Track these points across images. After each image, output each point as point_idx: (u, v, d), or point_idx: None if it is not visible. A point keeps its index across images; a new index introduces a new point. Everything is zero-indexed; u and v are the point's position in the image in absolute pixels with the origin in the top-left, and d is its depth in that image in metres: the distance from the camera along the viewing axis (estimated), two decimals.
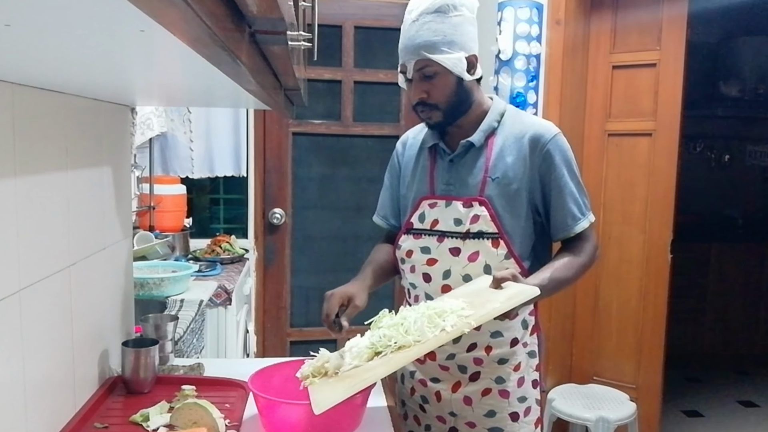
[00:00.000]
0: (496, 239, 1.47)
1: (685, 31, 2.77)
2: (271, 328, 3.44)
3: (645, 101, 2.88)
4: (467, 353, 1.52)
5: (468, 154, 1.53)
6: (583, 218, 1.51)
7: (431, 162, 1.58)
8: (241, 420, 1.31)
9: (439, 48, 1.42)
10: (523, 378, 1.55)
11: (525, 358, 1.55)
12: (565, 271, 1.47)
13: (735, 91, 4.57)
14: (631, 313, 2.98)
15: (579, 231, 1.51)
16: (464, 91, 1.48)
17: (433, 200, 1.55)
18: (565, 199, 1.49)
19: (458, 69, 1.43)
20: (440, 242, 1.52)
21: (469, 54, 1.46)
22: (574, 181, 1.51)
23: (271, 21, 0.68)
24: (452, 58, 1.42)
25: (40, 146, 1.11)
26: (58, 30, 0.56)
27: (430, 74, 1.44)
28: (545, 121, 1.57)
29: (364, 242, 3.54)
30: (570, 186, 1.50)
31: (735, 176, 4.95)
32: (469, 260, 1.48)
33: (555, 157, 1.48)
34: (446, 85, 1.45)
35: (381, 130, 3.46)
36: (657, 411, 2.96)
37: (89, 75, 0.97)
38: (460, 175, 1.53)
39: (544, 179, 1.49)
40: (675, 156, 2.82)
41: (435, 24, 1.42)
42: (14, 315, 1.01)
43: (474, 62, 1.47)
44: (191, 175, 3.15)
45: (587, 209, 1.53)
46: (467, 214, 1.49)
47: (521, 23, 2.74)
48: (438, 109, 1.49)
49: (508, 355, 1.53)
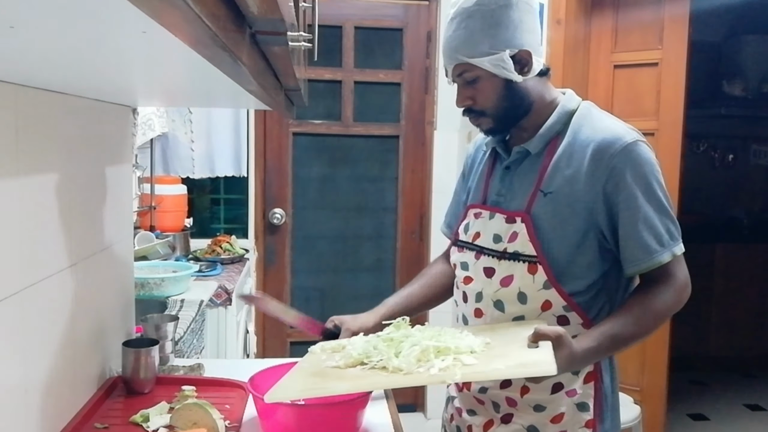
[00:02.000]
0: (534, 264, 1.24)
1: (687, 30, 2.76)
2: (271, 329, 3.44)
3: (647, 101, 2.87)
4: (501, 390, 1.31)
5: (525, 161, 1.32)
6: (661, 250, 1.22)
7: (489, 167, 1.40)
8: (241, 421, 1.31)
9: (477, 49, 1.23)
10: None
11: (571, 410, 1.27)
12: (630, 326, 1.21)
13: (739, 90, 4.54)
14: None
15: (655, 267, 1.22)
16: (516, 94, 1.27)
17: (479, 210, 1.36)
18: (636, 226, 1.21)
19: (503, 71, 1.24)
20: (477, 259, 1.34)
21: (518, 50, 1.24)
22: (653, 203, 1.22)
23: (271, 22, 0.68)
24: (494, 59, 1.23)
25: (42, 146, 1.11)
26: (61, 32, 0.56)
27: (471, 79, 1.27)
28: (621, 125, 1.28)
29: (364, 242, 3.55)
30: (644, 209, 1.21)
31: (739, 176, 4.91)
32: (502, 284, 1.28)
33: (625, 172, 1.21)
34: (492, 89, 1.26)
35: (381, 130, 3.47)
36: (662, 414, 2.94)
37: (91, 76, 0.97)
38: (513, 185, 1.32)
39: (611, 200, 1.22)
40: (678, 156, 2.81)
41: (474, 21, 1.23)
42: (16, 315, 1.01)
43: (526, 58, 1.25)
44: (192, 176, 3.15)
45: (673, 239, 1.23)
46: (507, 231, 1.28)
47: None
48: (486, 115, 1.30)
49: (546, 402, 1.28)
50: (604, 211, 1.23)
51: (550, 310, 1.25)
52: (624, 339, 1.21)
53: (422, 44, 3.42)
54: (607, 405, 1.30)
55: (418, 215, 3.52)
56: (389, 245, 3.54)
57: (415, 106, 3.46)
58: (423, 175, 3.49)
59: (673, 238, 1.24)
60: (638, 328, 1.22)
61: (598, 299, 1.28)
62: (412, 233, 3.53)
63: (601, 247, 1.26)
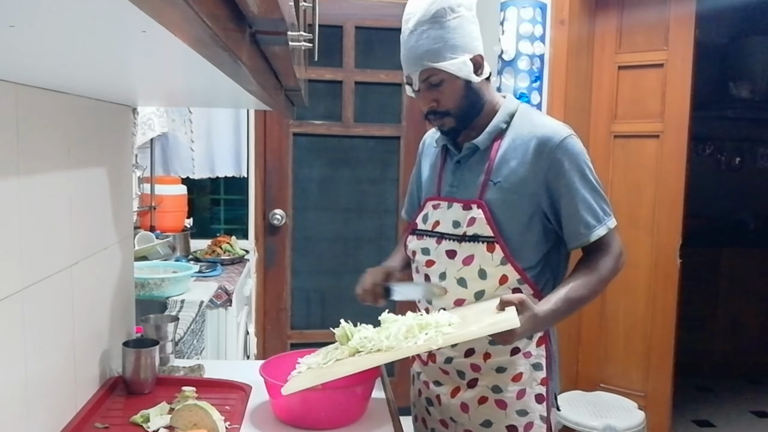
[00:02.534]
0: (492, 243, 1.41)
1: (693, 31, 2.75)
2: (271, 330, 3.44)
3: (652, 102, 2.86)
4: (465, 358, 1.48)
5: (474, 156, 1.49)
6: (598, 225, 1.42)
7: (441, 163, 1.56)
8: (241, 422, 1.31)
9: (441, 55, 1.39)
10: (524, 390, 1.46)
11: (528, 370, 1.46)
12: (581, 290, 1.40)
13: (746, 91, 4.48)
14: (639, 319, 2.94)
15: (595, 239, 1.42)
16: (474, 93, 1.45)
17: (437, 201, 1.52)
18: (576, 207, 1.41)
19: (464, 72, 1.40)
20: (438, 244, 1.49)
21: (474, 54, 1.42)
22: (588, 187, 1.42)
23: (271, 21, 0.68)
24: (456, 62, 1.39)
25: (42, 146, 1.11)
26: (61, 31, 0.56)
27: (437, 82, 1.42)
28: (556, 122, 1.48)
29: (364, 243, 3.54)
30: (582, 192, 1.41)
31: (746, 179, 4.83)
32: (464, 263, 1.44)
33: (563, 162, 1.40)
34: (454, 90, 1.42)
35: (382, 130, 3.47)
36: (667, 420, 2.91)
37: (91, 75, 0.97)
38: (464, 177, 1.49)
39: (552, 186, 1.41)
40: (683, 158, 2.79)
41: (434, 31, 1.39)
42: (16, 314, 1.01)
43: (480, 62, 1.44)
44: (192, 176, 3.16)
45: (606, 215, 1.44)
46: (465, 217, 1.45)
47: (524, 23, 2.74)
48: (449, 115, 1.46)
49: (506, 363, 1.46)
50: (546, 196, 1.42)
51: (506, 283, 1.43)
52: (577, 300, 1.40)
53: None
54: (554, 365, 1.51)
55: None
56: (390, 246, 3.53)
57: (416, 107, 3.44)
58: None
59: (606, 214, 1.44)
60: (588, 291, 1.41)
61: (545, 273, 1.47)
62: None
63: (545, 228, 1.45)
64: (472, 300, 1.44)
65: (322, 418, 1.31)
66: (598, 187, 1.45)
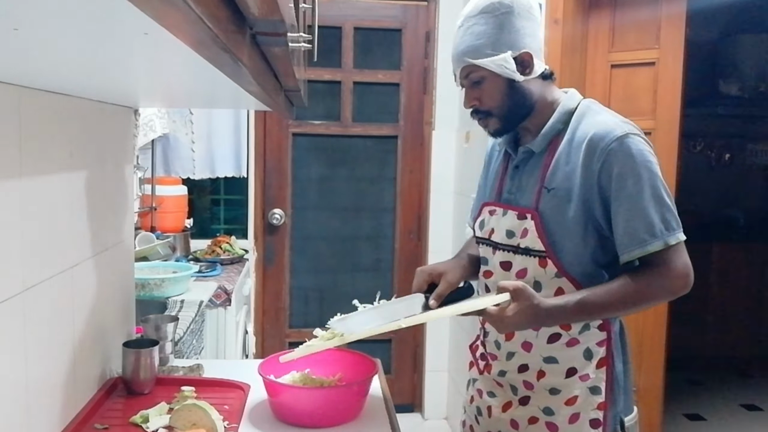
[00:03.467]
0: (543, 258, 1.32)
1: (684, 29, 2.76)
2: (270, 329, 3.45)
3: (644, 100, 2.87)
4: (518, 374, 1.39)
5: (531, 160, 1.40)
6: (650, 240, 1.26)
7: (504, 167, 1.48)
8: (239, 421, 1.31)
9: (482, 51, 1.32)
10: (578, 415, 1.35)
11: (584, 393, 1.35)
12: (607, 297, 1.27)
13: (735, 89, 4.53)
14: (631, 315, 2.96)
15: (645, 254, 1.27)
16: (519, 93, 1.35)
17: (493, 207, 1.44)
18: (625, 215, 1.27)
19: (505, 70, 1.32)
20: (494, 254, 1.42)
21: (519, 52, 1.33)
22: (647, 193, 1.27)
23: (271, 23, 0.68)
24: (497, 60, 1.31)
25: (44, 148, 1.12)
26: (64, 34, 0.57)
27: (477, 80, 1.35)
28: (616, 119, 1.34)
29: (363, 243, 3.55)
30: (635, 198, 1.26)
31: (736, 175, 4.90)
32: (518, 276, 1.36)
33: (616, 164, 1.27)
34: (496, 89, 1.35)
35: (380, 130, 3.47)
36: (658, 414, 2.93)
37: (94, 77, 0.97)
38: (522, 183, 1.40)
39: (605, 191, 1.28)
40: (674, 155, 2.81)
41: (478, 27, 1.33)
42: (17, 316, 1.02)
43: (527, 60, 1.34)
44: (192, 176, 3.16)
45: (668, 229, 1.27)
46: (519, 227, 1.36)
47: None
48: (492, 115, 1.38)
49: (560, 386, 1.35)
50: (599, 201, 1.30)
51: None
52: (598, 306, 1.28)
53: (421, 45, 3.42)
54: (618, 388, 1.37)
55: (417, 215, 3.52)
56: (388, 245, 3.55)
57: (414, 107, 3.46)
58: (421, 175, 3.49)
59: (669, 228, 1.28)
60: (611, 298, 1.28)
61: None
62: (410, 233, 3.53)
63: (601, 238, 1.32)
64: None
65: (320, 416, 1.32)
66: (662, 194, 1.30)
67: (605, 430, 1.36)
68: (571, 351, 1.35)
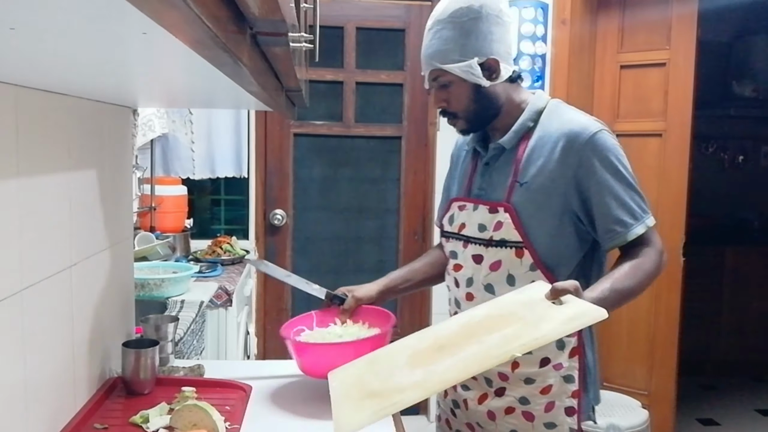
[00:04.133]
0: (520, 248, 1.37)
1: (695, 30, 2.74)
2: (271, 330, 3.44)
3: (654, 101, 2.86)
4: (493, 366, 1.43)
5: (501, 157, 1.45)
6: (636, 223, 1.35)
7: (472, 165, 1.53)
8: (241, 422, 1.31)
9: (449, 57, 1.37)
10: (554, 403, 1.40)
11: (558, 382, 1.40)
12: (627, 280, 1.31)
13: (749, 90, 4.48)
14: (643, 318, 2.94)
15: (633, 238, 1.35)
16: (485, 98, 1.41)
17: (463, 203, 1.49)
18: (609, 205, 1.34)
19: (471, 77, 1.37)
20: (465, 248, 1.46)
21: (486, 58, 1.37)
22: (623, 183, 1.36)
23: (272, 23, 0.68)
24: (463, 66, 1.36)
25: (42, 147, 1.11)
26: (62, 33, 0.56)
27: (445, 83, 1.40)
28: (587, 117, 1.41)
29: (365, 244, 3.54)
30: (615, 189, 1.34)
31: (749, 178, 4.84)
32: (491, 269, 1.40)
33: (594, 158, 1.34)
34: (463, 93, 1.40)
35: (383, 131, 3.47)
36: (671, 419, 2.91)
37: (92, 77, 0.97)
38: (492, 179, 1.45)
39: (583, 184, 1.35)
40: (686, 157, 2.79)
41: (447, 31, 1.37)
42: (16, 315, 1.01)
43: (493, 65, 1.38)
44: (192, 176, 3.16)
45: (644, 212, 1.37)
46: (492, 220, 1.40)
47: (526, 23, 2.74)
48: (459, 117, 1.44)
49: (535, 375, 1.40)
50: (576, 195, 1.36)
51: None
52: (626, 292, 1.32)
53: None
54: (590, 378, 1.44)
55: (420, 216, 3.52)
56: (391, 246, 3.54)
57: (417, 107, 3.46)
58: (425, 176, 3.49)
59: (645, 212, 1.37)
60: (634, 283, 1.33)
61: (578, 280, 1.30)
62: (414, 234, 3.52)
63: (578, 230, 1.39)
64: None
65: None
66: (633, 182, 1.39)
67: (580, 417, 1.42)
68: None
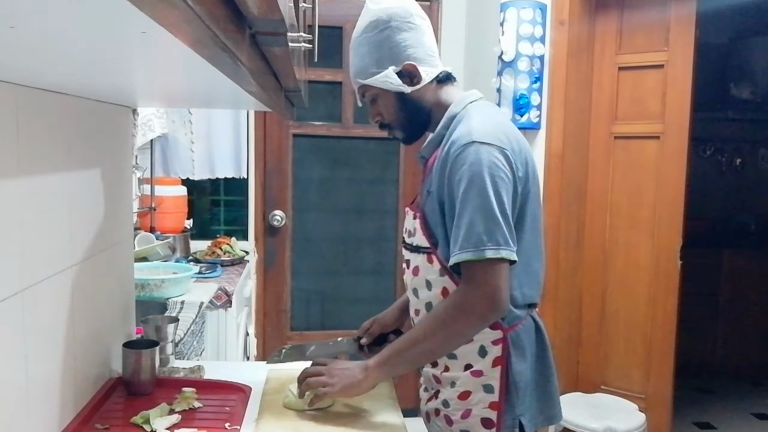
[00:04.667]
0: (429, 254, 1.36)
1: (693, 32, 2.74)
2: (271, 331, 3.44)
3: (652, 103, 2.85)
4: (431, 368, 1.43)
5: (426, 165, 1.45)
6: (457, 251, 1.26)
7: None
8: (241, 423, 1.31)
9: (367, 71, 1.40)
10: (470, 411, 1.35)
11: (477, 390, 1.35)
12: (413, 333, 1.35)
13: (746, 93, 4.47)
14: (640, 321, 2.93)
15: (456, 263, 1.27)
16: (411, 104, 1.41)
17: (407, 209, 1.50)
18: (454, 222, 1.29)
19: (391, 86, 1.38)
20: (403, 252, 1.49)
21: (402, 64, 1.38)
22: (474, 203, 1.25)
23: (271, 23, 0.68)
24: (380, 77, 1.38)
25: (42, 147, 1.11)
26: (61, 32, 0.56)
27: (372, 97, 1.43)
28: (472, 126, 1.31)
29: (364, 245, 3.54)
30: (462, 206, 1.26)
31: (747, 180, 4.82)
32: (413, 274, 1.41)
33: (455, 171, 1.28)
34: (390, 103, 1.42)
35: (382, 132, 3.46)
36: (667, 422, 2.89)
37: (91, 76, 0.97)
38: (422, 186, 1.45)
39: (451, 195, 1.30)
40: (684, 159, 2.78)
41: (362, 47, 1.41)
42: (16, 315, 1.01)
43: (411, 70, 1.38)
44: (192, 177, 3.16)
45: (490, 241, 1.24)
46: (412, 226, 1.42)
47: (524, 24, 2.73)
48: (394, 128, 1.46)
49: (458, 379, 1.37)
50: (449, 204, 1.32)
51: (448, 295, 1.34)
52: (410, 345, 1.34)
53: None
54: (517, 390, 1.34)
55: None
56: (389, 248, 3.54)
57: None
58: None
59: (492, 241, 1.24)
60: (423, 333, 1.34)
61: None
62: None
63: None
64: (425, 310, 1.40)
65: None
66: (493, 207, 1.25)
67: (498, 431, 1.34)
68: (467, 347, 1.34)
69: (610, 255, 2.96)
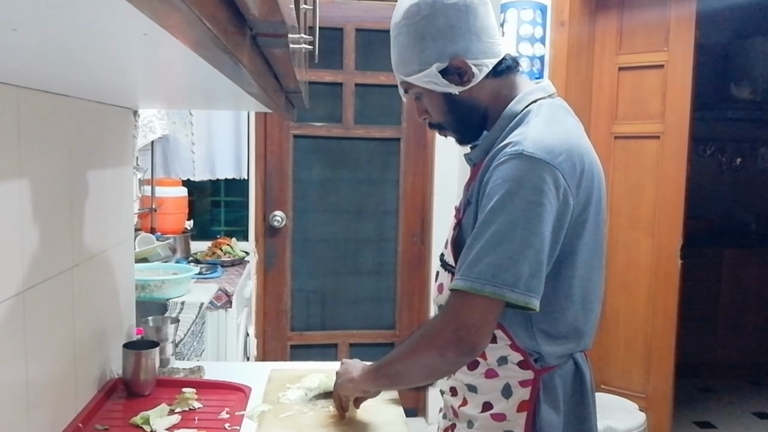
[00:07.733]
0: (453, 273, 1.12)
1: (693, 32, 2.75)
2: (271, 332, 3.44)
3: (653, 103, 2.86)
4: (450, 396, 1.24)
5: (475, 169, 1.22)
6: (460, 276, 1.05)
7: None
8: (241, 423, 1.31)
9: (410, 67, 1.16)
10: None
11: None
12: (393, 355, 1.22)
13: (746, 92, 4.47)
14: (640, 320, 2.93)
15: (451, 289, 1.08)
16: (461, 106, 1.17)
17: (455, 210, 1.29)
18: (467, 242, 1.08)
19: (436, 86, 1.15)
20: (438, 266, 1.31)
21: (448, 61, 1.13)
22: (495, 227, 1.03)
23: (272, 24, 0.68)
24: (423, 76, 1.15)
25: (44, 148, 1.12)
26: (63, 34, 0.56)
27: (417, 95, 1.21)
28: (528, 133, 1.08)
29: (365, 245, 3.54)
30: (480, 227, 1.05)
31: (747, 180, 4.83)
32: (438, 291, 1.22)
33: (491, 184, 1.06)
34: (436, 104, 1.19)
35: (382, 132, 3.47)
36: (668, 421, 2.90)
37: (93, 78, 0.97)
38: (465, 194, 1.23)
39: (479, 210, 1.10)
40: (684, 159, 2.79)
41: (402, 36, 1.18)
42: (17, 316, 1.01)
43: (459, 66, 1.14)
44: (192, 178, 3.16)
45: (474, 274, 1.03)
46: (449, 237, 1.22)
47: (524, 25, 2.74)
48: (445, 128, 1.23)
49: (476, 419, 1.17)
50: (475, 221, 1.11)
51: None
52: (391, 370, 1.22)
53: None
54: None
55: (420, 218, 3.52)
56: (390, 248, 3.54)
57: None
58: (424, 178, 3.49)
59: (499, 277, 1.02)
60: (400, 361, 1.20)
61: (517, 316, 1.11)
62: (413, 236, 3.53)
63: None
64: None
65: None
66: (515, 237, 1.02)
67: None
68: (489, 383, 1.15)
69: (610, 255, 2.95)
